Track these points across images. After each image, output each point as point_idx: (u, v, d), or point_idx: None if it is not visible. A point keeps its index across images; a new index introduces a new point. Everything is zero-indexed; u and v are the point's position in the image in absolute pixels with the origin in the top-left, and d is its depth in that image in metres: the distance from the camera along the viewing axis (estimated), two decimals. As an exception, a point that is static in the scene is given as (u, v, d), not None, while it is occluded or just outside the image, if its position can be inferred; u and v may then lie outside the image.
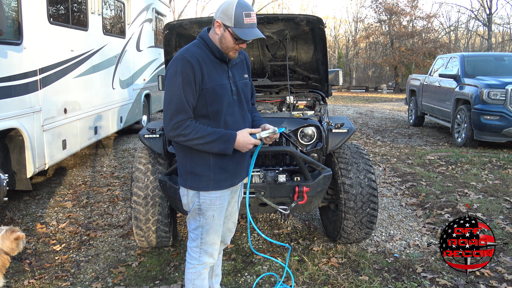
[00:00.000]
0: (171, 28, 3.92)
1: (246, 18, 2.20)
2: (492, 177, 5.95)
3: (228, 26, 2.21)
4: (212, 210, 2.37)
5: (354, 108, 16.32)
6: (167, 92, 2.21)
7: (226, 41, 2.25)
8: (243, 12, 2.19)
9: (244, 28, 2.21)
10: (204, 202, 2.35)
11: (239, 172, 2.42)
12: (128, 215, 4.71)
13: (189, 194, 2.38)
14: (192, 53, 2.23)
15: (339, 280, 3.23)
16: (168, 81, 2.22)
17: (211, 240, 2.42)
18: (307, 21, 3.81)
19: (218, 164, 2.30)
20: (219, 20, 2.23)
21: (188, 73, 2.17)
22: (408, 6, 27.44)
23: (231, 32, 2.22)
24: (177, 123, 2.17)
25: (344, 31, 38.32)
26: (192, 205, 2.39)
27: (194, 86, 2.19)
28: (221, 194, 2.37)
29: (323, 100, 4.46)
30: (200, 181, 2.31)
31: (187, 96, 2.18)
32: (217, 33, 2.27)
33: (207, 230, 2.39)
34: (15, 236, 2.66)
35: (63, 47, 5.63)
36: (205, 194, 2.34)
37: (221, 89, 2.27)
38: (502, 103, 7.57)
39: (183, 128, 2.17)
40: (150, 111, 10.45)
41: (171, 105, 2.18)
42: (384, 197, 5.26)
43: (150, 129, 3.62)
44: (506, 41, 31.40)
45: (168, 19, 11.56)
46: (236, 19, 2.19)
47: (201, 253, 2.44)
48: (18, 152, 4.65)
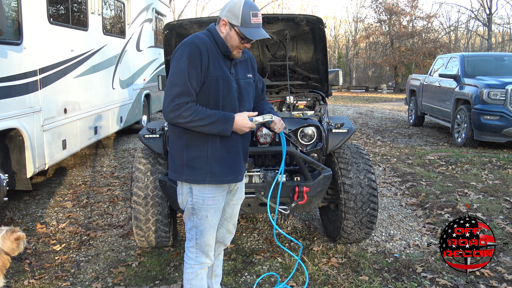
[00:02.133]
0: (171, 28, 3.92)
1: (253, 18, 2.20)
2: (492, 177, 5.95)
3: (235, 25, 2.20)
4: (205, 210, 2.35)
5: (354, 108, 16.32)
6: (172, 74, 2.18)
7: (232, 39, 2.25)
8: (251, 12, 2.19)
9: (251, 28, 2.21)
10: (197, 202, 2.33)
11: (236, 168, 2.37)
12: (128, 215, 4.71)
13: (183, 193, 2.37)
14: (201, 39, 2.22)
15: (339, 280, 3.23)
16: (174, 63, 2.19)
17: (205, 240, 2.41)
18: (307, 21, 3.81)
19: (215, 157, 2.28)
20: (225, 18, 2.23)
21: (195, 57, 2.16)
22: (408, 6, 27.47)
23: (237, 31, 2.21)
24: (178, 105, 2.13)
25: (344, 31, 38.37)
26: (186, 204, 2.38)
27: (200, 71, 2.17)
28: (214, 194, 2.35)
29: (323, 100, 4.46)
30: (196, 174, 2.29)
31: (191, 80, 2.15)
32: (222, 31, 2.26)
33: (201, 230, 2.38)
34: (16, 236, 2.65)
35: (63, 47, 5.63)
36: (198, 194, 2.32)
37: (224, 81, 2.26)
38: (502, 103, 7.58)
39: (184, 110, 2.14)
40: (150, 111, 10.46)
41: (175, 87, 2.15)
42: (384, 197, 5.26)
43: (150, 129, 3.62)
44: (506, 41, 31.40)
45: (168, 19, 11.56)
46: (243, 19, 2.19)
47: (197, 253, 2.43)
48: (18, 152, 4.65)
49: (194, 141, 2.27)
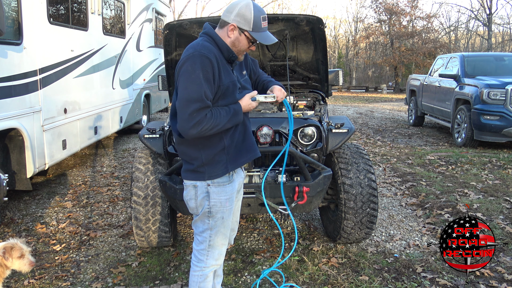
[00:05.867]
0: (171, 28, 3.92)
1: (263, 22, 2.21)
2: (492, 177, 5.95)
3: (245, 30, 2.19)
4: (222, 212, 2.36)
5: (354, 108, 16.32)
6: (185, 90, 2.11)
7: (241, 44, 2.23)
8: (261, 16, 2.19)
9: (262, 32, 2.21)
10: (215, 205, 2.33)
11: (250, 145, 2.41)
12: (128, 215, 4.71)
13: (198, 198, 2.33)
14: (209, 49, 2.16)
15: (339, 280, 3.23)
16: (185, 77, 2.11)
17: (219, 241, 2.41)
18: (307, 21, 3.81)
19: (231, 146, 2.31)
20: (234, 23, 2.19)
21: (207, 70, 2.11)
22: (408, 6, 27.47)
23: (248, 36, 2.20)
24: (198, 121, 2.10)
25: (344, 31, 38.38)
26: (202, 209, 2.34)
27: (213, 83, 2.15)
28: (231, 195, 2.37)
29: (323, 100, 4.46)
30: (217, 167, 2.29)
31: (207, 93, 2.12)
32: (229, 36, 2.22)
33: (216, 232, 2.38)
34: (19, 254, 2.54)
35: (63, 47, 5.63)
36: (215, 197, 2.31)
37: (234, 86, 2.27)
38: (502, 103, 7.58)
39: (205, 123, 2.11)
40: (150, 111, 10.46)
41: (191, 103, 2.08)
42: (384, 197, 5.26)
43: (150, 129, 3.62)
44: (506, 41, 31.40)
45: (168, 19, 11.56)
46: (255, 23, 2.18)
47: (208, 255, 2.43)
48: (18, 152, 4.65)
49: (210, 141, 2.27)
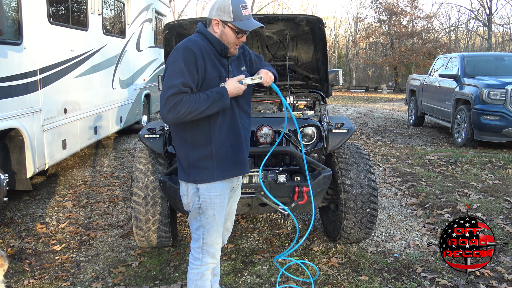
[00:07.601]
0: (171, 28, 3.92)
1: (243, 10, 2.25)
2: (492, 177, 5.95)
3: (227, 21, 2.24)
4: (212, 209, 2.37)
5: (354, 108, 16.32)
6: (167, 78, 2.18)
7: (227, 37, 2.27)
8: (240, 5, 2.24)
9: (244, 20, 2.25)
10: (204, 201, 2.35)
11: (241, 160, 2.40)
12: (128, 215, 4.71)
13: (189, 194, 2.38)
14: (195, 42, 2.24)
15: (339, 280, 3.23)
16: (169, 68, 2.19)
17: (212, 239, 2.42)
18: (307, 21, 3.81)
19: (220, 154, 2.31)
20: (216, 17, 2.25)
21: (190, 60, 2.16)
22: (408, 6, 27.46)
23: (231, 27, 2.24)
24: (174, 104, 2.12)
25: (344, 31, 38.37)
26: (193, 204, 2.39)
27: (196, 73, 2.18)
28: (221, 192, 2.37)
29: (323, 100, 4.45)
30: (203, 173, 2.31)
31: (186, 81, 2.14)
32: (215, 31, 2.28)
33: (208, 229, 2.39)
34: None
35: (63, 47, 5.63)
36: (205, 193, 2.34)
37: (220, 79, 2.28)
38: (502, 103, 7.57)
39: (180, 107, 2.12)
40: (150, 111, 10.46)
41: (169, 89, 2.13)
42: (384, 197, 5.26)
43: (150, 129, 3.62)
44: (506, 41, 31.39)
45: (168, 19, 11.56)
46: (234, 13, 2.23)
47: (204, 253, 2.44)
48: (18, 152, 4.65)
49: (199, 142, 2.30)
